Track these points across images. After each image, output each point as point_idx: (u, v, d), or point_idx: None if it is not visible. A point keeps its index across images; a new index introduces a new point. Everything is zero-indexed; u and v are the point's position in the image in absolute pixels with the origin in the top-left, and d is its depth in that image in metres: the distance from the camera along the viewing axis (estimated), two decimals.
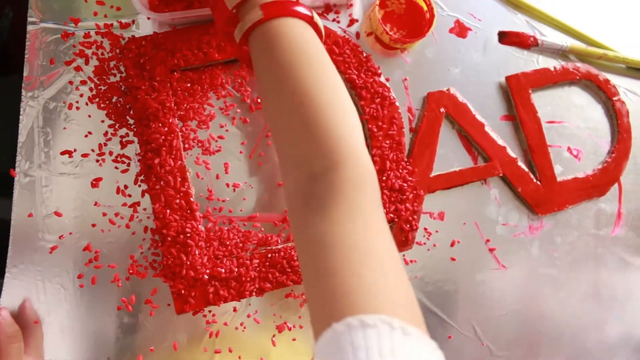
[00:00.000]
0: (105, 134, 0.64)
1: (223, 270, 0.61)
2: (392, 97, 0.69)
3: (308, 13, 0.50)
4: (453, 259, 0.70)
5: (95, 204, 0.62)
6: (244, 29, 0.50)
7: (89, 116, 0.63)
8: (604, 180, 0.76)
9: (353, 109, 0.48)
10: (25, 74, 0.63)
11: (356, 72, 0.68)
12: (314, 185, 0.44)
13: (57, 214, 0.61)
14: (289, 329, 0.64)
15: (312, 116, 0.45)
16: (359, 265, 0.38)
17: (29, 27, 0.64)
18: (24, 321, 0.58)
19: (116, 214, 0.62)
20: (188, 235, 0.61)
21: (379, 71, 0.69)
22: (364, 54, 0.69)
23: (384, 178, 0.67)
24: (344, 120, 0.46)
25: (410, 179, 0.68)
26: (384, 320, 0.34)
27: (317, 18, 0.52)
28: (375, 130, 0.68)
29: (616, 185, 0.77)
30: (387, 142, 0.68)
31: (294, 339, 0.64)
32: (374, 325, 0.33)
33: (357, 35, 0.71)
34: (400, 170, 0.68)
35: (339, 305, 0.36)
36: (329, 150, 0.44)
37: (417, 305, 0.39)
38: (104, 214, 0.62)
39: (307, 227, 0.43)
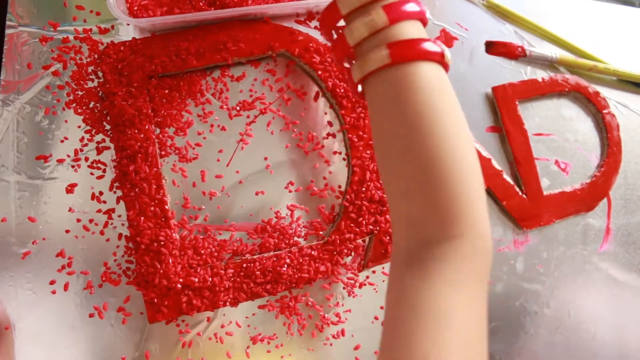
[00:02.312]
0: (82, 139, 0.65)
1: (197, 280, 0.63)
2: None
3: (438, 50, 0.45)
4: None
5: (70, 209, 0.64)
6: (365, 71, 0.46)
7: (66, 121, 0.65)
8: (592, 194, 0.77)
9: (480, 171, 0.45)
10: (1, 77, 0.64)
11: (337, 81, 0.70)
12: (423, 250, 0.43)
13: (31, 219, 0.63)
14: (262, 341, 0.65)
15: (437, 179, 0.42)
16: (439, 336, 0.38)
17: (7, 31, 0.65)
18: None
19: (90, 221, 0.64)
20: (162, 243, 0.63)
21: None
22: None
23: (364, 189, 0.68)
24: (470, 187, 0.43)
25: None
26: None
27: (447, 53, 0.47)
28: (355, 139, 0.69)
29: (605, 200, 0.78)
30: (368, 152, 0.69)
31: (268, 351, 0.66)
32: None
33: None
34: (381, 182, 0.69)
35: None
36: (449, 221, 0.42)
37: None
38: (78, 220, 0.64)
39: (403, 286, 0.42)
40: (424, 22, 0.48)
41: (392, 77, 0.45)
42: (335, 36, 0.52)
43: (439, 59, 0.45)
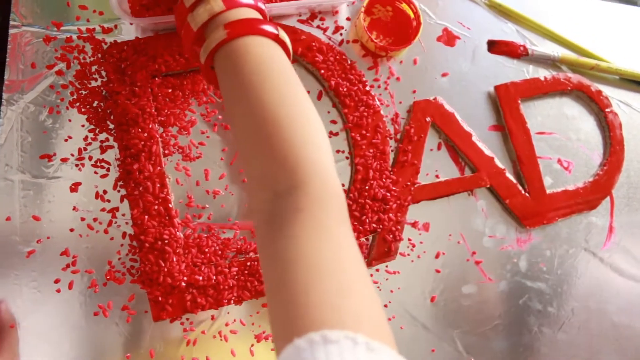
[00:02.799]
0: (85, 138, 0.66)
1: (201, 278, 0.63)
2: (376, 106, 0.71)
3: (273, 31, 0.52)
4: (438, 271, 0.72)
5: (74, 208, 0.64)
6: (208, 50, 0.52)
7: (69, 120, 0.66)
8: (595, 193, 0.78)
9: (320, 127, 0.50)
10: (5, 77, 0.65)
11: (340, 80, 0.70)
12: (278, 203, 0.45)
13: (35, 218, 0.63)
14: (266, 339, 0.66)
15: (275, 135, 0.46)
16: (322, 280, 0.39)
17: (11, 31, 0.66)
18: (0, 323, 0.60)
19: (95, 219, 0.65)
20: (166, 241, 0.63)
21: (364, 79, 0.72)
22: (349, 62, 0.71)
23: (367, 187, 0.69)
24: (308, 139, 0.47)
25: (394, 188, 0.70)
26: (347, 335, 0.34)
27: (283, 35, 0.54)
28: (358, 138, 0.70)
29: (608, 198, 0.79)
30: (371, 150, 0.70)
31: (272, 349, 0.66)
32: (337, 340, 0.34)
33: (342, 42, 0.73)
34: (384, 180, 0.70)
35: (302, 320, 0.36)
36: (293, 169, 0.45)
37: (384, 320, 0.40)
38: (83, 219, 0.64)
39: (271, 244, 0.44)
40: (262, 14, 0.55)
41: (230, 51, 0.51)
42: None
43: (273, 37, 0.52)
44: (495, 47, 0.78)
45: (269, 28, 0.52)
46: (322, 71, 0.70)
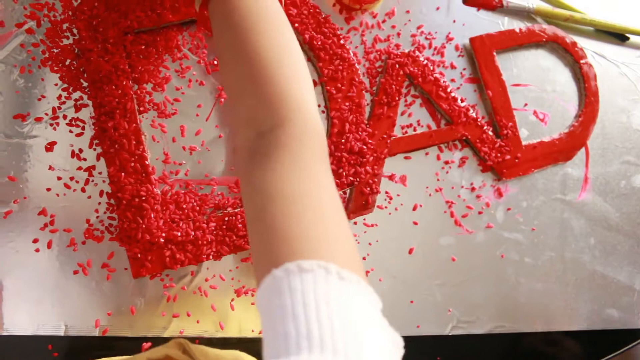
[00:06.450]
0: (59, 97, 0.66)
1: (179, 234, 0.64)
2: (351, 59, 0.72)
3: None
4: (415, 223, 0.73)
5: (50, 168, 0.64)
6: None
7: (42, 79, 0.65)
8: (570, 144, 0.79)
9: (306, 71, 0.51)
10: None
11: (314, 33, 0.70)
12: (260, 141, 0.47)
13: (11, 178, 0.64)
14: (246, 294, 0.67)
15: (263, 75, 0.48)
16: (299, 213, 0.41)
17: None
18: None
19: (71, 178, 0.65)
20: (143, 198, 0.64)
21: (338, 32, 0.72)
22: (323, 15, 0.71)
23: (343, 140, 0.69)
24: (294, 80, 0.49)
25: (370, 141, 0.71)
26: (321, 265, 0.36)
27: None
28: (334, 92, 0.70)
29: (583, 149, 0.80)
30: (347, 104, 0.70)
31: (252, 303, 0.67)
32: (311, 269, 0.36)
33: None
34: (360, 133, 0.70)
35: (279, 252, 0.39)
36: (276, 108, 0.47)
37: (357, 253, 0.42)
38: (59, 178, 0.65)
39: (252, 179, 0.45)
40: None
41: None
42: None
43: None
44: None
45: None
46: (296, 25, 0.70)
